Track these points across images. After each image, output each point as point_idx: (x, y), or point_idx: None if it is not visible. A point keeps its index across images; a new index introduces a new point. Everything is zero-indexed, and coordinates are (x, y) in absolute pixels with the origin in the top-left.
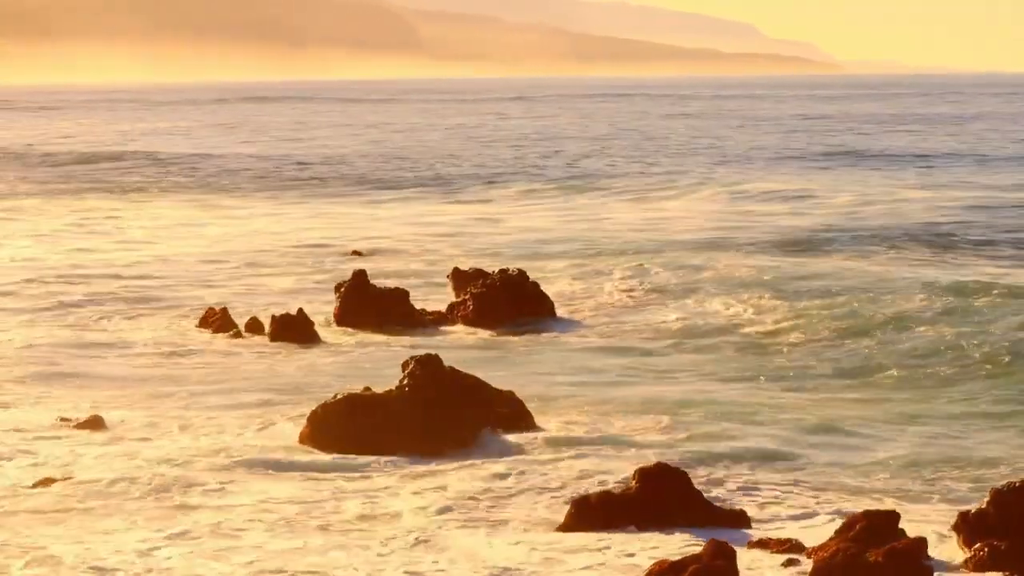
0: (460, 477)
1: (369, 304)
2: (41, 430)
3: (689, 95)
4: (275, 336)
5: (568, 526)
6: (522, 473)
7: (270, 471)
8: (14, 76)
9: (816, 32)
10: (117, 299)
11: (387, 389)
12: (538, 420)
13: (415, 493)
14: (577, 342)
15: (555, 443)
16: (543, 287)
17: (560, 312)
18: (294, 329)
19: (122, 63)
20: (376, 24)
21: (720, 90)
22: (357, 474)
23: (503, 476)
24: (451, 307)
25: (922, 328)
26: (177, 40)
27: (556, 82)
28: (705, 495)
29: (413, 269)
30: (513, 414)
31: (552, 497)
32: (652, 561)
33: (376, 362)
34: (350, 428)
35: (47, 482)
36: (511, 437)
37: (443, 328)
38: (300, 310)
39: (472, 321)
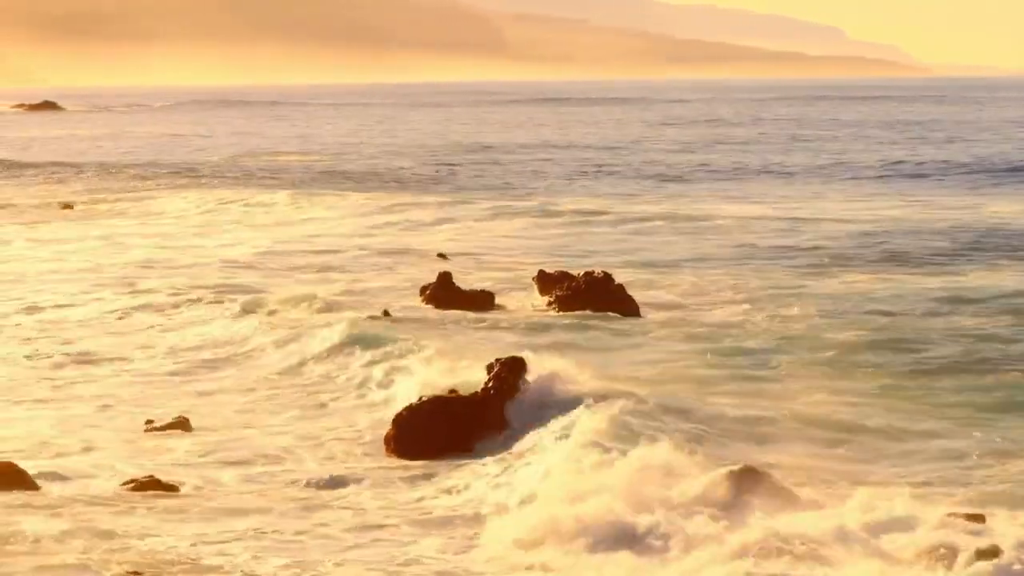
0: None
1: (454, 306)
2: (128, 433)
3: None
4: None
5: None
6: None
7: (356, 472)
8: (99, 78)
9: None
10: (193, 300)
11: (472, 392)
12: None
13: (495, 488)
14: (659, 345)
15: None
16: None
17: (646, 313)
18: None
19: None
20: (462, 26)
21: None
22: (443, 474)
23: None
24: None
25: None
26: (262, 42)
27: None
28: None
29: (497, 271)
30: None
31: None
32: None
33: (461, 364)
34: (436, 430)
35: (136, 483)
36: None
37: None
38: (385, 312)
39: None
